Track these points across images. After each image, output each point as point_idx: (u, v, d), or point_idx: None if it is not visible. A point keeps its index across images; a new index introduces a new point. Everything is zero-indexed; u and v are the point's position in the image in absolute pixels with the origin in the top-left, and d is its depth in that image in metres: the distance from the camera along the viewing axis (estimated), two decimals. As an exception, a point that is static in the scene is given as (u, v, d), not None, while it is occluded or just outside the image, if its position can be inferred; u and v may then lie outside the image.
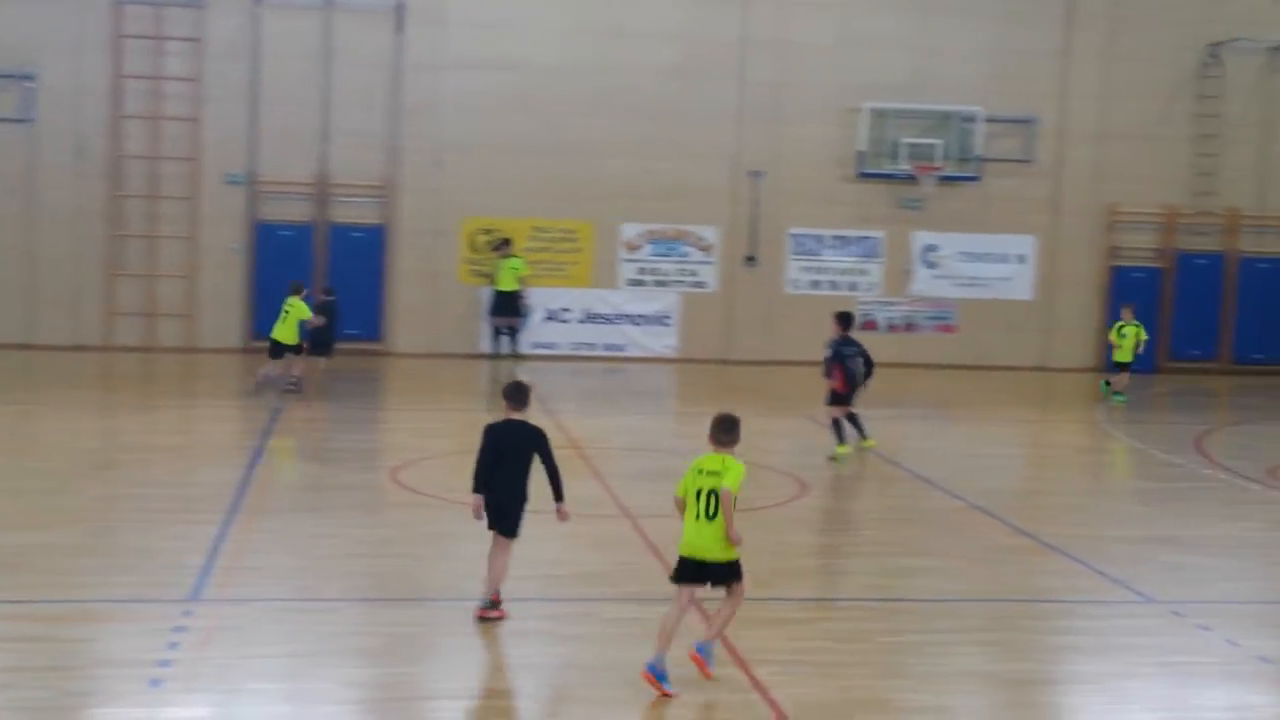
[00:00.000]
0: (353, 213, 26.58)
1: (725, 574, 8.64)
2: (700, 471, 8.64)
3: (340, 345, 23.77)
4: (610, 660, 8.97)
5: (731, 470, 8.56)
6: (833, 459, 16.46)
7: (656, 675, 8.34)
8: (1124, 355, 23.60)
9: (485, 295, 26.30)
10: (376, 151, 26.47)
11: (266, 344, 21.26)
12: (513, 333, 26.11)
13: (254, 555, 11.22)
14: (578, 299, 27.11)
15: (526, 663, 8.91)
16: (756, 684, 8.51)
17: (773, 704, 8.19)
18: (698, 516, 8.58)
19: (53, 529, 11.87)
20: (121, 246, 25.92)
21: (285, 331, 20.79)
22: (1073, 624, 10.25)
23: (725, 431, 8.73)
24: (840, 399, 16.74)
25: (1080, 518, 14.20)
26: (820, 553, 12.15)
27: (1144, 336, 23.89)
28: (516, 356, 25.90)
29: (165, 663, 8.48)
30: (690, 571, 8.66)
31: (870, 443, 16.87)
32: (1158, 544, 12.81)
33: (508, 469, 9.80)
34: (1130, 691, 8.77)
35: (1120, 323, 23.88)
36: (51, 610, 9.60)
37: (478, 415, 20.95)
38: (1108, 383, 23.96)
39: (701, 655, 8.60)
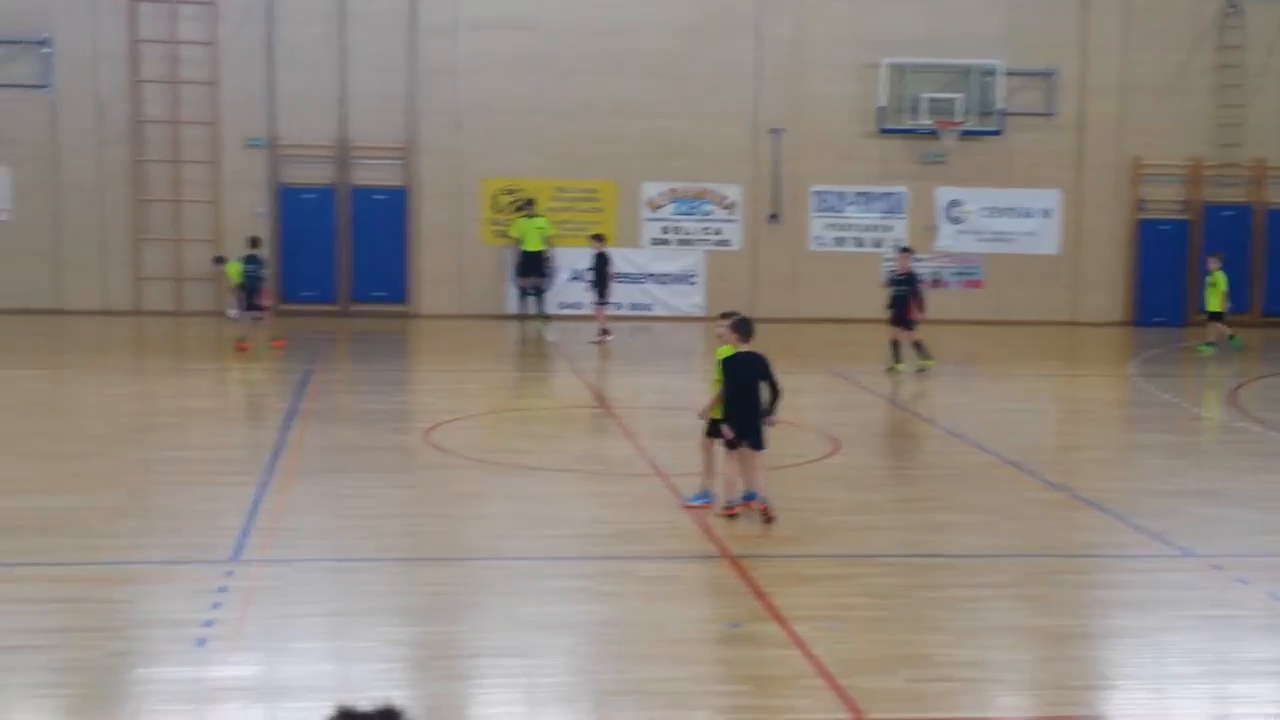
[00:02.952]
0: (374, 175, 26.56)
1: None
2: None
3: (366, 307, 23.81)
4: (647, 617, 9.00)
5: None
6: (892, 371, 19.81)
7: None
8: (1214, 304, 23.87)
9: (510, 256, 26.30)
10: (396, 113, 26.42)
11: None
12: (539, 293, 26.16)
13: (292, 516, 11.26)
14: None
15: (565, 620, 8.93)
16: (796, 640, 8.51)
17: (813, 660, 8.18)
18: None
19: (92, 492, 11.95)
20: (146, 212, 25.97)
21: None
22: (1111, 578, 10.24)
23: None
24: (913, 325, 19.99)
25: (1114, 472, 14.18)
26: (854, 509, 12.12)
27: (1224, 287, 24.05)
28: (543, 316, 25.93)
29: (210, 623, 8.53)
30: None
31: (922, 364, 19.95)
32: (1194, 497, 12.75)
33: (747, 393, 11.21)
34: (1172, 645, 8.76)
35: (1209, 273, 24.16)
36: (94, 572, 9.67)
37: (506, 376, 21.07)
38: (1231, 336, 24.01)
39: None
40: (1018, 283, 27.90)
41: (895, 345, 20.03)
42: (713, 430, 11.57)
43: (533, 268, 26.11)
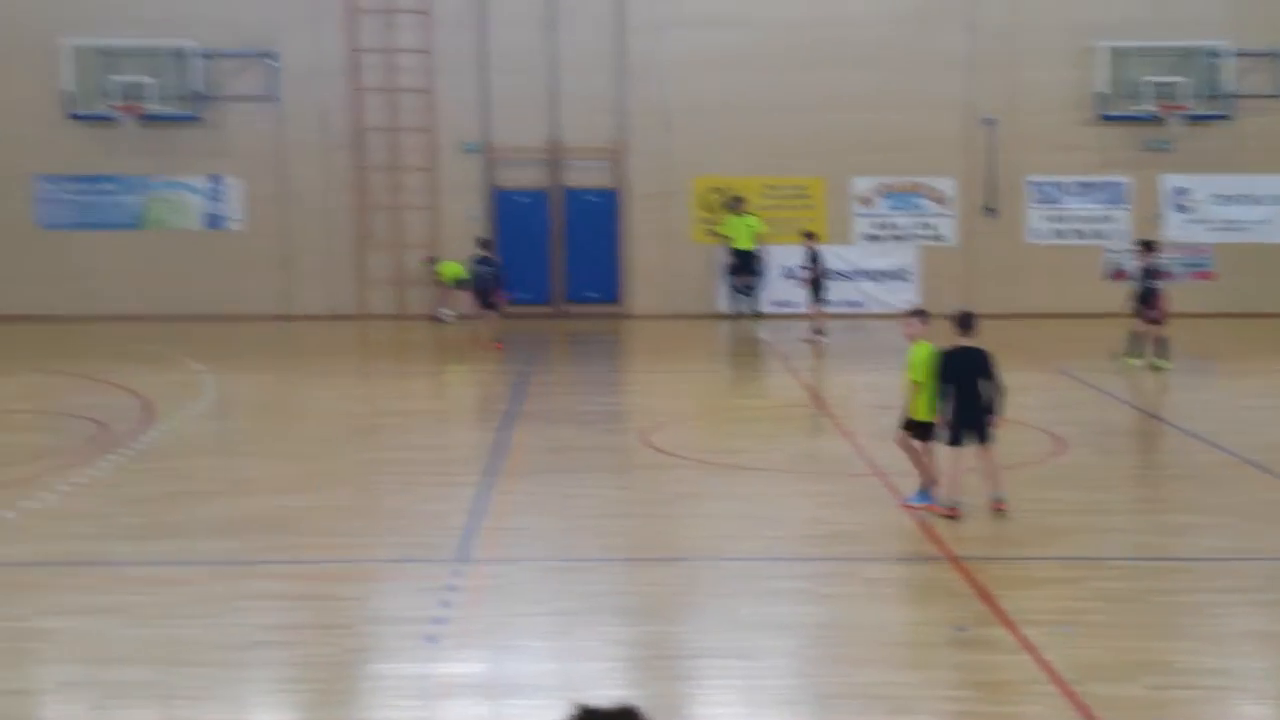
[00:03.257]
0: (585, 176, 26.81)
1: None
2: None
3: (579, 308, 24.07)
4: (869, 619, 8.86)
5: None
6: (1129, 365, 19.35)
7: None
8: None
9: (721, 254, 26.28)
10: (605, 114, 26.61)
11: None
12: (751, 291, 26.08)
13: (515, 516, 11.43)
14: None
15: (785, 622, 8.85)
16: (1025, 644, 8.26)
17: (1045, 665, 7.93)
18: None
19: (322, 491, 12.33)
20: (368, 217, 26.73)
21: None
22: (1364, 583, 9.69)
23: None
24: (1161, 321, 19.51)
25: (1363, 471, 13.41)
26: (1084, 510, 11.71)
27: None
28: (755, 315, 25.85)
29: (439, 620, 8.70)
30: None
31: (1158, 363, 19.28)
32: None
33: (965, 387, 11.05)
34: None
35: None
36: (326, 570, 9.97)
37: (720, 375, 21.06)
38: None
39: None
40: (1251, 273, 26.65)
41: (1137, 338, 19.40)
42: (917, 430, 11.31)
43: (744, 266, 26.05)
